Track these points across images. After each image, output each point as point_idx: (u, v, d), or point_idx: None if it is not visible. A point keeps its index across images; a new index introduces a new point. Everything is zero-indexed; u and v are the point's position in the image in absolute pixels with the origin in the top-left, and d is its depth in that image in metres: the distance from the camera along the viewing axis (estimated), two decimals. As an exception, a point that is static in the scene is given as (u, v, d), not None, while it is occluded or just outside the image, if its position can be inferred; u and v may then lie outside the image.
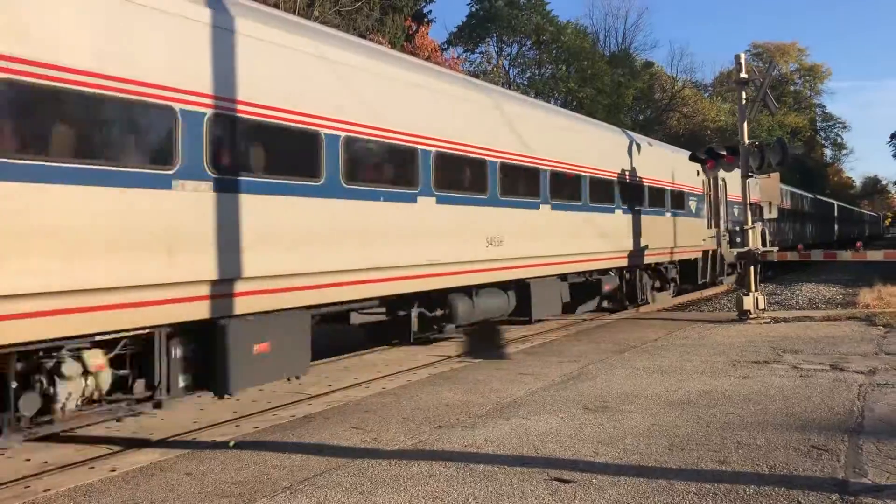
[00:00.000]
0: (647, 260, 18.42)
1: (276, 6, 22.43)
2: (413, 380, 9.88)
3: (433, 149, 10.65)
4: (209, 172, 7.41)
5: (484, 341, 13.58)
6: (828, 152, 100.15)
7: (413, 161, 10.30)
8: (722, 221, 22.81)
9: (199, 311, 7.30)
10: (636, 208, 17.61)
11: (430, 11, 43.30)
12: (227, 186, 7.59)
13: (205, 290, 7.34)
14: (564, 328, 15.41)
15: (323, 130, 8.80)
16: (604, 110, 45.70)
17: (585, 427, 7.16)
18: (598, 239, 15.60)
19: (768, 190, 25.52)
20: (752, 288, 15.96)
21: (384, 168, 10.10)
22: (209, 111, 7.41)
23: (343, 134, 9.07)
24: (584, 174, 15.29)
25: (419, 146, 10.38)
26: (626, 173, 17.26)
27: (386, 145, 9.87)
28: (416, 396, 8.78)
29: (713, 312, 19.29)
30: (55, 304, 6.10)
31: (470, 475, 5.77)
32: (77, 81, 6.30)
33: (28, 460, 6.94)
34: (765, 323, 15.13)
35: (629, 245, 17.26)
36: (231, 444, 6.84)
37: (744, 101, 16.56)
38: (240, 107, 7.78)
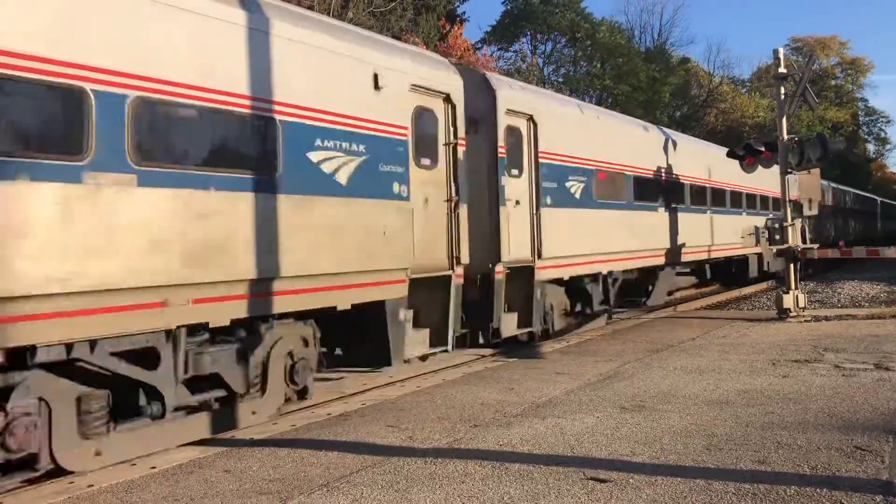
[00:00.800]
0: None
1: (311, 8, 22.61)
2: (448, 378, 9.90)
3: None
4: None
5: (519, 340, 13.53)
6: (870, 147, 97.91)
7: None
8: (514, 207, 12.02)
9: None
10: None
11: (464, 12, 43.32)
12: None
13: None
14: (600, 328, 15.30)
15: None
16: (639, 107, 45.30)
17: (622, 426, 7.10)
18: None
19: (808, 186, 23.41)
20: (792, 286, 15.69)
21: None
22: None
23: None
24: None
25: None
26: None
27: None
28: (450, 395, 8.80)
29: (752, 311, 19.03)
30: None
31: (505, 474, 5.77)
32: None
33: (72, 457, 7.08)
34: (805, 321, 14.86)
35: None
36: None
37: (782, 97, 16.27)
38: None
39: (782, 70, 16.25)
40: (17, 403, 5.86)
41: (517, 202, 12.14)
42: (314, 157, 8.20)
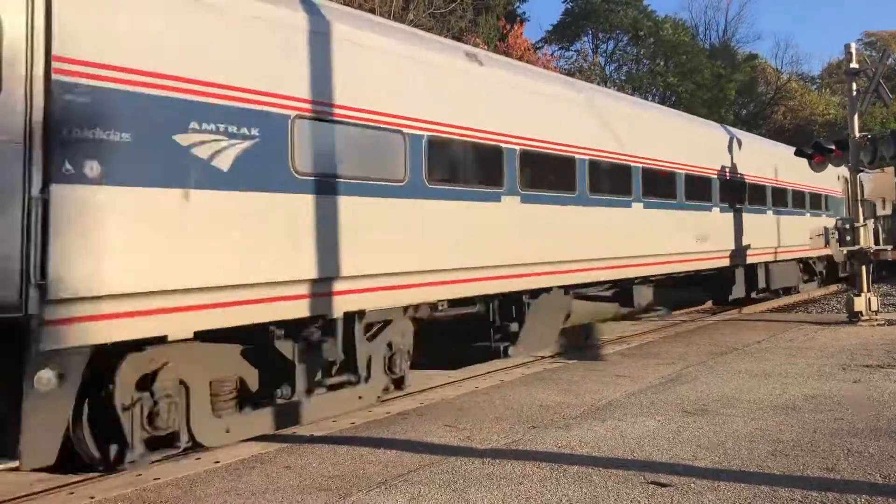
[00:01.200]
0: None
1: (373, 11, 22.84)
2: (506, 379, 9.86)
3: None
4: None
5: (579, 342, 13.40)
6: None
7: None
8: None
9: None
10: None
11: (524, 12, 43.15)
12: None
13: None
14: (662, 329, 15.05)
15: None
16: (704, 105, 44.43)
17: (684, 430, 6.97)
18: None
19: (881, 185, 21.68)
20: (864, 288, 15.17)
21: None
22: None
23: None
24: None
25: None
26: None
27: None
28: (509, 396, 8.76)
29: (821, 314, 18.43)
30: None
31: (564, 476, 5.71)
32: None
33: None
34: (878, 325, 14.35)
35: None
36: None
37: (854, 93, 15.74)
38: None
39: (854, 65, 15.72)
40: None
41: None
42: None
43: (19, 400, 5.58)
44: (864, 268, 15.22)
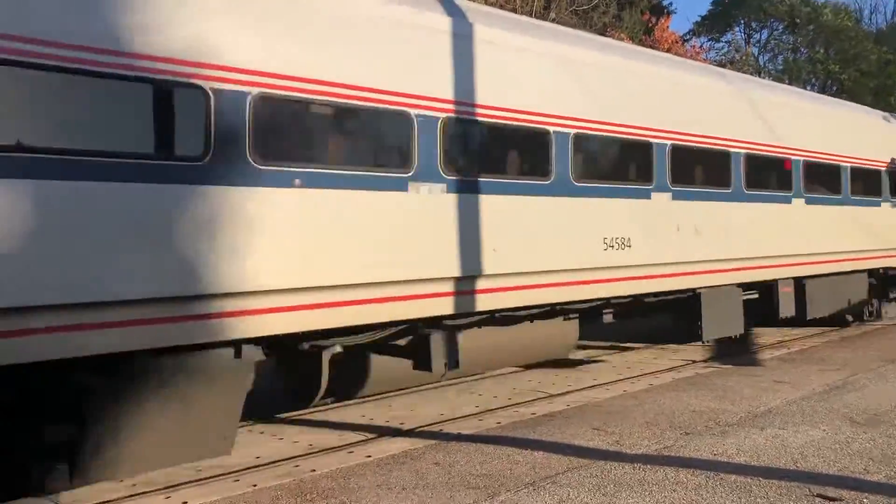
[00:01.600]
0: None
1: (514, 10, 22.86)
2: (655, 384, 9.57)
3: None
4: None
5: (732, 346, 12.81)
6: None
7: None
8: None
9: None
10: None
11: (671, 3, 41.86)
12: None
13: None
14: (825, 334, 14.13)
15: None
16: (870, 93, 41.38)
17: (853, 442, 6.50)
18: None
19: None
20: None
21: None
22: None
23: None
24: None
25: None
26: None
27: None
28: (659, 401, 8.50)
29: None
30: None
31: (720, 485, 5.47)
32: None
33: (296, 442, 7.63)
34: None
35: None
36: None
37: None
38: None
39: None
40: None
41: None
42: None
43: None
44: None
